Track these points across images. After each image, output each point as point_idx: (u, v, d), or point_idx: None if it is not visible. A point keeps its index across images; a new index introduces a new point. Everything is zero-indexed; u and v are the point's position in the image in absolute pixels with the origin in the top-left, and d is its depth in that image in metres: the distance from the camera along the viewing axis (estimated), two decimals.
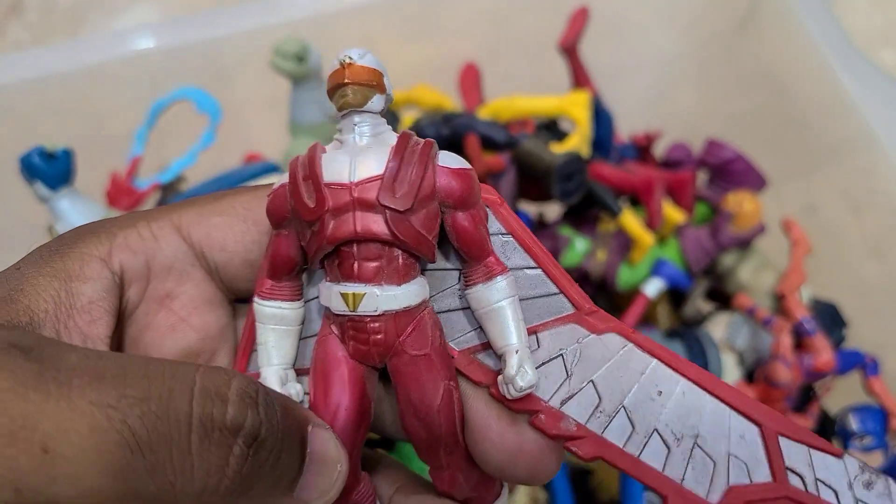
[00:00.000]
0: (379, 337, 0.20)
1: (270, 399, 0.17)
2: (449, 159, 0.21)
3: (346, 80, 0.20)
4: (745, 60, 0.62)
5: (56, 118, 0.66)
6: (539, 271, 0.21)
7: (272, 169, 0.54)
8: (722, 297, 0.58)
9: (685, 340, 0.52)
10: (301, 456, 0.18)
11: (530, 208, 0.60)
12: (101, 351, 0.21)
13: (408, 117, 0.57)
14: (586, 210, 0.56)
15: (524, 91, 0.57)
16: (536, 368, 0.21)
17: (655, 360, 0.21)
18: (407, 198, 0.20)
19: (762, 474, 0.20)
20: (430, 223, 0.20)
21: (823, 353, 0.48)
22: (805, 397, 0.53)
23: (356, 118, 0.20)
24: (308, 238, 0.20)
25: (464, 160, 0.21)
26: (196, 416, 0.16)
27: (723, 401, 0.20)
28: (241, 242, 0.22)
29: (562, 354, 0.21)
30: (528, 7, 0.67)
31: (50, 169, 0.42)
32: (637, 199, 0.55)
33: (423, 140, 0.21)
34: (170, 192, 0.59)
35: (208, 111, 0.52)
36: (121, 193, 0.51)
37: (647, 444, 0.21)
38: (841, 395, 0.53)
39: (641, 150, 0.61)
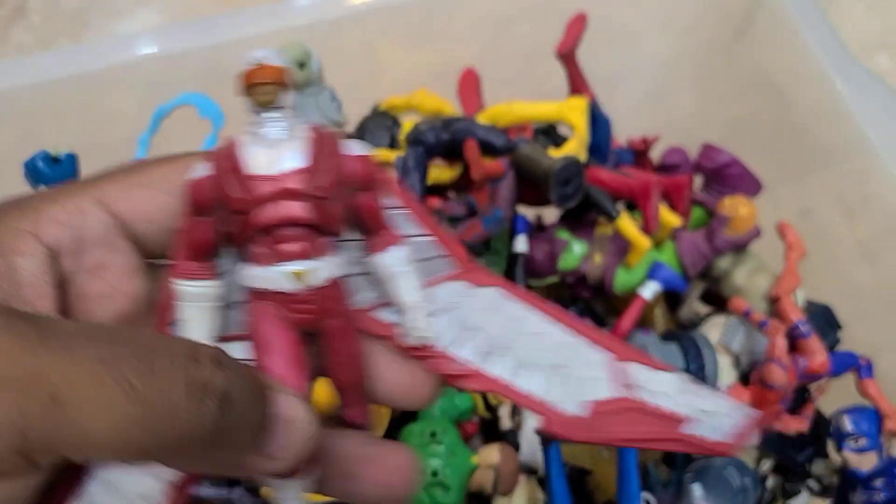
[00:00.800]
0: (314, 306, 0.24)
1: (236, 363, 0.19)
2: (355, 147, 0.24)
3: (260, 80, 0.23)
4: (742, 66, 0.63)
5: (60, 122, 0.67)
6: (431, 238, 0.25)
7: None
8: (717, 300, 0.59)
9: (681, 342, 0.53)
10: (267, 417, 0.20)
11: (528, 212, 0.61)
12: (81, 320, 0.23)
13: (407, 122, 0.58)
14: (584, 214, 0.56)
15: (523, 96, 0.57)
16: (431, 318, 0.25)
17: (532, 307, 0.26)
18: (326, 185, 0.23)
19: (615, 391, 0.25)
20: (342, 204, 0.24)
21: (818, 355, 0.49)
22: (800, 399, 0.54)
23: (273, 114, 0.23)
24: (235, 225, 0.23)
25: (366, 147, 0.24)
26: (180, 374, 0.17)
27: (585, 336, 0.26)
28: (164, 212, 0.24)
29: (452, 306, 0.25)
30: (528, 13, 0.68)
31: (54, 173, 0.42)
32: (634, 204, 0.56)
33: (332, 131, 0.24)
34: None
35: (210, 116, 0.53)
36: None
37: (529, 376, 0.25)
38: (835, 397, 0.54)
39: (638, 154, 0.62)
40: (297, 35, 0.63)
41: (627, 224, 0.52)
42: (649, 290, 0.53)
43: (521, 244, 0.56)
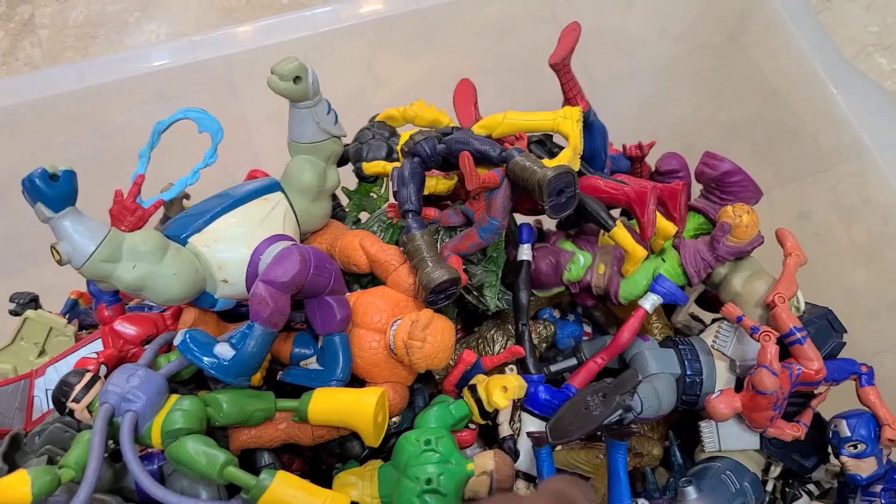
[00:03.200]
0: None
1: None
2: None
3: None
4: (737, 70, 0.63)
5: (66, 134, 0.68)
6: None
7: (274, 185, 0.55)
8: (713, 304, 0.59)
9: (679, 348, 0.53)
10: None
11: (529, 218, 0.61)
12: None
13: (404, 133, 0.58)
14: (579, 223, 0.57)
15: (520, 104, 0.58)
16: None
17: None
18: None
19: None
20: None
21: (814, 361, 0.49)
22: (801, 405, 0.54)
23: None
24: None
25: None
26: None
27: None
28: None
29: None
30: (524, 23, 0.68)
31: (52, 191, 0.42)
32: (630, 211, 0.56)
33: None
34: (174, 208, 0.60)
35: (209, 130, 0.54)
36: (124, 211, 0.53)
37: None
38: (837, 400, 0.53)
39: (634, 160, 0.62)
40: (298, 47, 0.64)
41: (623, 234, 0.52)
42: (650, 303, 0.53)
43: (525, 253, 0.56)
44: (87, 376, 0.42)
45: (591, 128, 0.59)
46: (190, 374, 0.48)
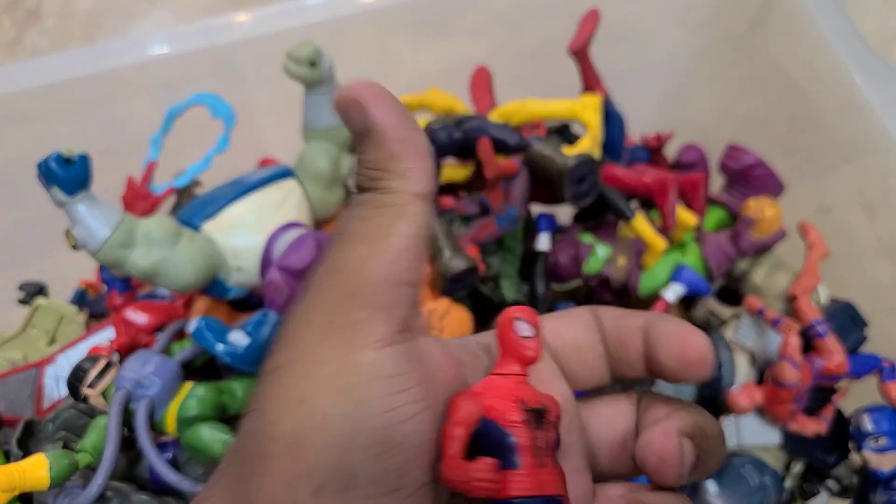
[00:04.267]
0: None
1: None
2: None
3: None
4: (758, 61, 0.62)
5: (74, 123, 0.67)
6: None
7: (287, 172, 0.54)
8: (733, 296, 0.58)
9: None
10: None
11: (545, 210, 0.60)
12: None
13: (420, 121, 0.57)
14: (598, 213, 0.56)
15: (536, 93, 0.57)
16: None
17: None
18: None
19: None
20: None
21: (836, 355, 0.48)
22: (822, 400, 0.53)
23: None
24: None
25: None
26: None
27: None
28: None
29: None
30: (540, 10, 0.67)
31: (67, 174, 0.42)
32: (650, 202, 0.55)
33: None
34: (185, 196, 0.60)
35: (222, 116, 0.53)
36: (136, 198, 0.52)
37: None
38: (859, 396, 0.53)
39: (652, 151, 0.61)
40: (309, 33, 0.62)
41: (643, 224, 0.52)
42: (672, 293, 0.52)
43: (543, 243, 0.55)
44: (102, 362, 0.42)
45: (610, 117, 0.59)
46: (203, 361, 0.47)
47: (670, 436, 0.23)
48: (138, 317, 0.51)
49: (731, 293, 0.59)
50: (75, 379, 0.41)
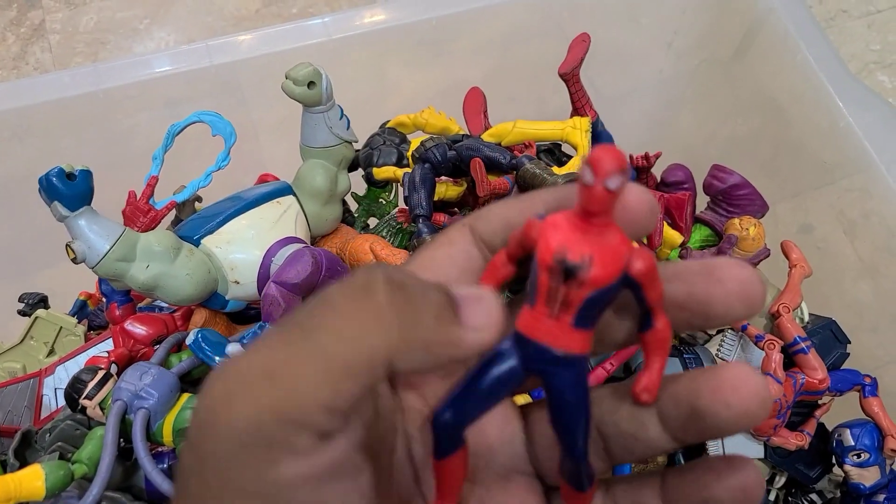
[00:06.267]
0: None
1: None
2: None
3: None
4: (743, 84, 0.64)
5: (77, 138, 0.69)
6: None
7: (285, 189, 0.55)
8: None
9: (683, 358, 0.53)
10: (452, 298, 0.21)
11: None
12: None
13: (415, 140, 0.59)
14: None
15: (528, 113, 0.58)
16: None
17: None
18: None
19: None
20: None
21: (818, 371, 0.49)
22: (805, 415, 0.54)
23: None
24: None
25: None
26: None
27: None
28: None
29: None
30: (534, 33, 0.69)
31: (69, 189, 0.43)
32: None
33: None
34: (186, 211, 0.61)
35: (222, 133, 0.54)
36: (137, 212, 0.53)
37: None
38: (841, 410, 0.54)
39: (640, 170, 0.63)
40: (309, 54, 0.64)
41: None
42: None
43: None
44: (100, 373, 0.43)
45: (599, 138, 0.60)
46: (201, 373, 0.48)
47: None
48: (137, 329, 0.52)
49: None
50: (73, 390, 0.42)
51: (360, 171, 0.61)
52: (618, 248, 0.20)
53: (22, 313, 0.63)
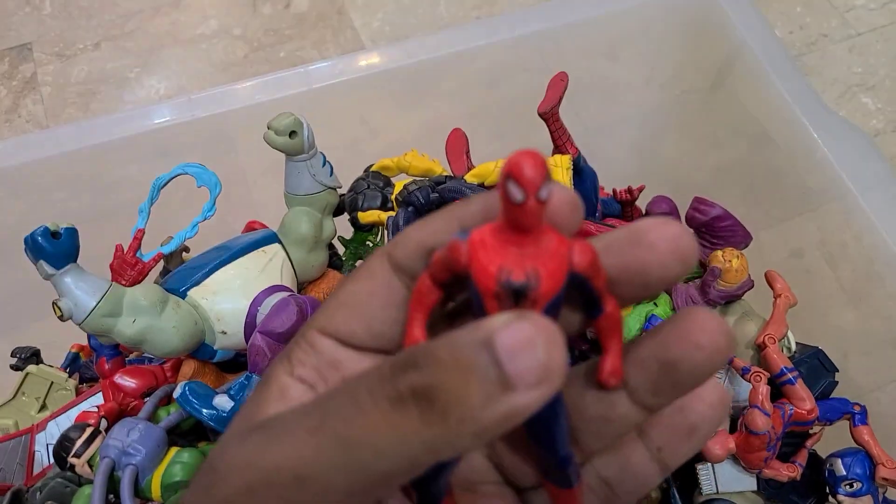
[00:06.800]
0: None
1: (433, 344, 0.18)
2: None
3: None
4: (722, 116, 0.64)
5: (66, 192, 0.70)
6: None
7: (271, 237, 0.56)
8: None
9: None
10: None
11: None
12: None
13: (399, 183, 0.60)
14: None
15: (512, 150, 0.59)
16: None
17: None
18: None
19: None
20: None
21: (806, 402, 0.49)
22: (796, 445, 0.54)
23: None
24: None
25: None
26: (382, 399, 0.18)
27: None
28: (363, 325, 0.24)
29: None
30: (515, 71, 0.70)
31: (54, 248, 0.44)
32: None
33: None
34: (174, 262, 0.61)
35: (207, 184, 0.55)
36: (125, 266, 0.54)
37: None
38: (832, 439, 0.54)
39: (625, 204, 0.63)
40: (293, 102, 0.65)
41: None
42: None
43: None
44: (88, 431, 0.43)
45: (582, 173, 0.61)
46: (190, 425, 0.48)
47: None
48: (126, 382, 0.52)
49: None
50: (61, 448, 0.42)
51: (347, 216, 0.62)
52: (558, 251, 0.19)
53: (15, 368, 0.64)
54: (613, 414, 0.22)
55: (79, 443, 0.42)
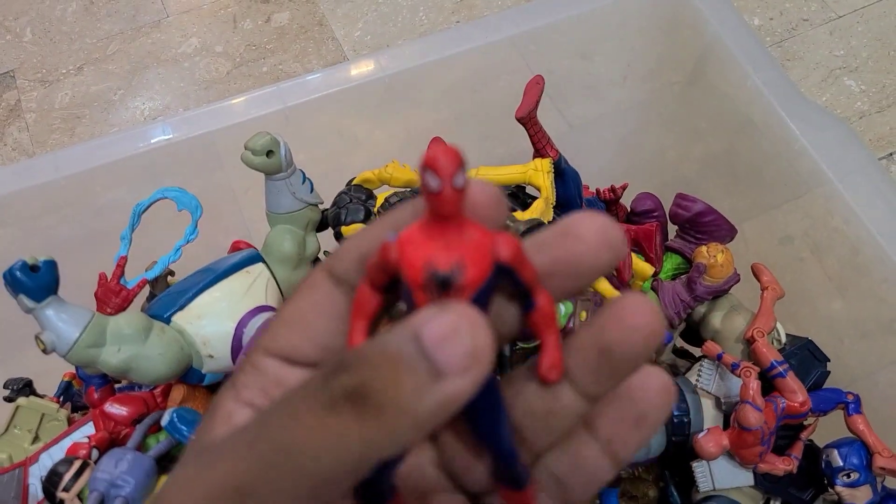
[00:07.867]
0: None
1: (368, 344, 0.19)
2: None
3: None
4: (701, 108, 0.64)
5: (52, 219, 0.69)
6: None
7: (255, 256, 0.56)
8: (696, 338, 0.59)
9: None
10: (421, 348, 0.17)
11: None
12: None
13: (381, 195, 0.59)
14: None
15: (494, 154, 0.59)
16: None
17: None
18: None
19: None
20: None
21: (798, 394, 0.49)
22: (791, 437, 0.54)
23: None
24: None
25: None
26: (316, 406, 0.18)
27: None
28: (308, 340, 0.24)
29: None
30: (497, 73, 0.70)
31: (33, 282, 0.43)
32: None
33: None
34: (159, 286, 0.61)
35: (188, 208, 0.55)
36: (109, 294, 0.54)
37: None
38: (830, 426, 0.53)
39: (609, 203, 0.63)
40: (273, 120, 0.65)
41: (600, 280, 0.53)
42: None
43: None
44: (76, 464, 0.43)
45: (564, 175, 0.60)
46: (179, 452, 0.48)
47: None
48: (117, 410, 0.52)
49: (697, 334, 0.60)
50: (50, 483, 0.42)
51: (331, 231, 0.61)
52: (481, 242, 0.19)
53: (8, 399, 0.64)
54: (557, 406, 0.22)
55: (67, 477, 0.42)
